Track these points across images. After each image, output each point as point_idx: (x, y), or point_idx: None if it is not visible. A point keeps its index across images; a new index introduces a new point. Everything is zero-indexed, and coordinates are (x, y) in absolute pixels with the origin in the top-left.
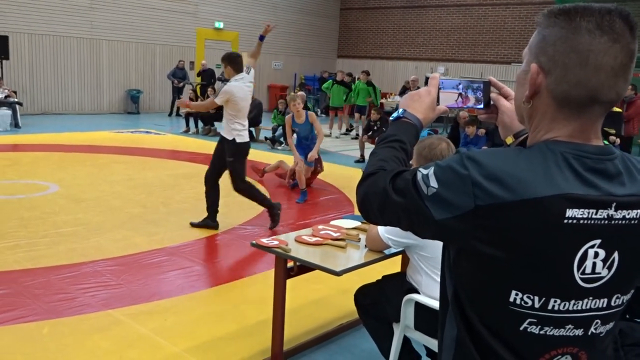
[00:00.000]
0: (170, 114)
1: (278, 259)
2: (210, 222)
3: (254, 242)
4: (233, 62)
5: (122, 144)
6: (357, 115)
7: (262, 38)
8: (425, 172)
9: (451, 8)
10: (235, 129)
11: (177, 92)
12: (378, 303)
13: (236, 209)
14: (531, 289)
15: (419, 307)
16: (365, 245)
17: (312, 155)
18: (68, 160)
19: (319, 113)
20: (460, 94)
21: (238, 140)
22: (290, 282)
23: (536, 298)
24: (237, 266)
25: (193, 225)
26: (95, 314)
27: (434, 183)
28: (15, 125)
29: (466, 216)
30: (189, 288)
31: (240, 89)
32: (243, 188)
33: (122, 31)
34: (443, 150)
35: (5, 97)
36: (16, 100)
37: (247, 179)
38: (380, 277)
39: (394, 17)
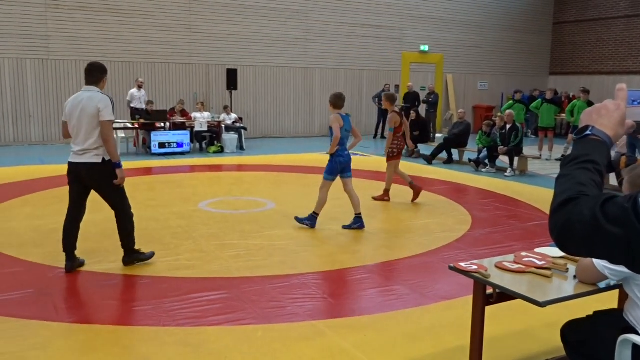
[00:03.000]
0: (375, 136)
1: (477, 284)
2: (139, 256)
3: (452, 265)
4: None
5: None
6: (570, 136)
7: (116, 166)
8: None
9: None
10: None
11: (383, 114)
12: (588, 341)
13: (437, 231)
14: None
15: (638, 350)
16: (575, 276)
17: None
18: (283, 180)
19: (529, 134)
20: None
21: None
22: (491, 310)
23: None
24: (436, 289)
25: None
26: (301, 323)
27: None
28: (241, 147)
29: None
30: (387, 306)
31: (71, 99)
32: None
33: (332, 59)
34: None
35: (233, 122)
36: (242, 125)
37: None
38: (591, 313)
39: (616, 27)
